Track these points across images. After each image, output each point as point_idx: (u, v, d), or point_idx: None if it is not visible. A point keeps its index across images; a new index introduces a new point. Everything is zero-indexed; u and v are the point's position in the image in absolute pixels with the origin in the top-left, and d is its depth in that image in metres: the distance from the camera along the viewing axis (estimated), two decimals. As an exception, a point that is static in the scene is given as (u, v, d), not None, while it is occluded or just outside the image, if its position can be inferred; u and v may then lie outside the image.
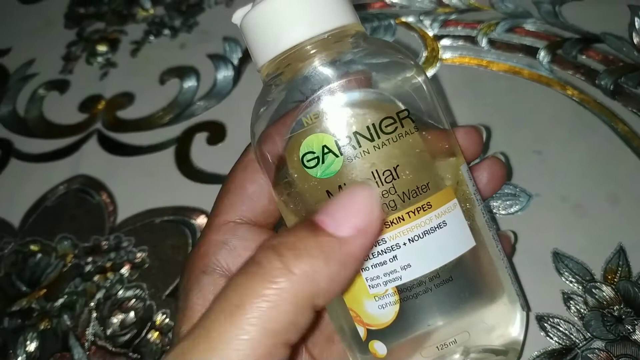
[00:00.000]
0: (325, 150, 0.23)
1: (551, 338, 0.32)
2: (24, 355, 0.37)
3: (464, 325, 0.25)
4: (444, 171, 0.25)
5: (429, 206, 0.24)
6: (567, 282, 0.33)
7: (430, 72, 0.44)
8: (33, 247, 0.42)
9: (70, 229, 0.42)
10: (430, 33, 0.46)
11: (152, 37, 0.53)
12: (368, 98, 0.24)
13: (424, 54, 0.45)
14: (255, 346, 0.19)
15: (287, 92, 0.25)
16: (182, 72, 0.49)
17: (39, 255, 0.42)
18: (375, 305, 0.24)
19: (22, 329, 0.38)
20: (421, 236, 0.24)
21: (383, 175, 0.23)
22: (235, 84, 0.48)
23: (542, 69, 0.42)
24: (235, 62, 0.49)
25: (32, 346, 0.38)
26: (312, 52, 0.24)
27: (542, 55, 0.43)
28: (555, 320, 0.32)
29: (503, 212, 0.37)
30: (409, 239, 0.24)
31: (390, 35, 0.47)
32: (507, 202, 0.37)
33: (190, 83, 0.49)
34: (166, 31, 0.53)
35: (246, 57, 0.49)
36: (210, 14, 0.53)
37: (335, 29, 0.24)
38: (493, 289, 0.26)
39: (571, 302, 0.33)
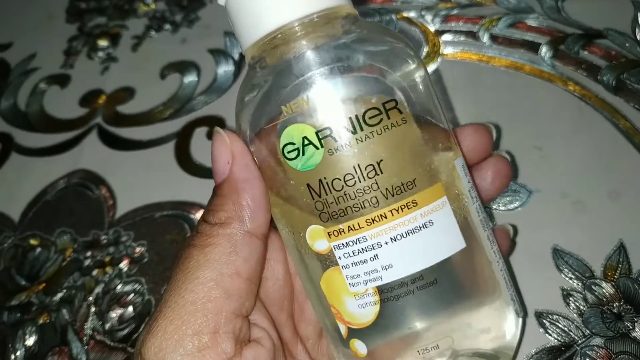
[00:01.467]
0: (306, 141, 0.22)
1: (550, 335, 0.32)
2: (23, 350, 0.37)
3: (448, 329, 0.24)
4: (435, 166, 0.24)
5: (414, 204, 0.23)
6: (567, 278, 0.33)
7: (431, 68, 0.44)
8: (32, 241, 0.42)
9: (70, 223, 0.42)
10: (432, 28, 0.46)
11: (153, 32, 0.53)
12: (353, 86, 0.23)
13: (425, 49, 0.45)
14: (211, 283, 0.23)
15: (272, 77, 0.24)
16: (182, 66, 0.49)
17: (39, 249, 0.42)
18: (355, 303, 0.23)
19: (21, 323, 0.38)
20: (404, 235, 0.22)
21: (365, 170, 0.22)
22: (236, 79, 0.48)
23: (544, 65, 0.42)
24: (236, 56, 0.49)
25: (30, 340, 0.38)
26: (299, 34, 0.23)
27: (544, 50, 0.43)
28: (554, 317, 0.32)
29: (503, 208, 0.36)
30: (390, 238, 0.22)
31: (391, 31, 0.47)
32: (507, 198, 0.37)
33: (190, 78, 0.48)
34: (167, 26, 0.53)
35: (247, 52, 0.49)
36: (211, 8, 0.53)
37: (324, 9, 0.23)
38: (484, 293, 0.25)
39: (570, 298, 0.33)
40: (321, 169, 0.22)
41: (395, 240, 0.22)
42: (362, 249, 0.23)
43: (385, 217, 0.22)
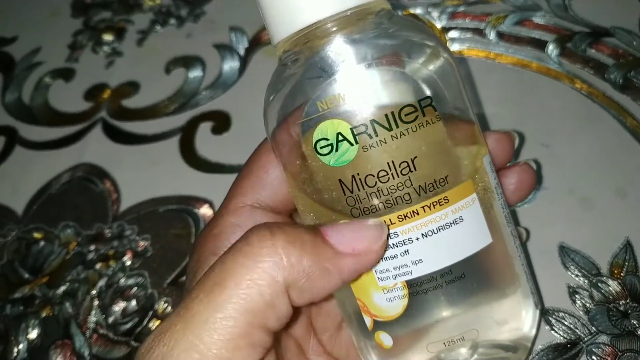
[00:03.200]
0: (340, 137, 0.22)
1: (556, 332, 0.31)
2: (26, 342, 0.37)
3: (473, 322, 0.24)
4: (464, 163, 0.24)
5: (446, 201, 0.23)
6: (573, 276, 0.33)
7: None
8: (36, 235, 0.42)
9: (74, 216, 0.42)
10: (438, 25, 0.46)
11: (158, 27, 0.53)
12: (389, 83, 0.23)
13: (432, 46, 0.45)
14: (231, 325, 0.19)
15: (303, 73, 0.24)
16: (187, 61, 0.49)
17: (42, 242, 0.42)
18: (383, 297, 0.24)
19: (24, 316, 0.38)
20: (435, 232, 0.23)
21: (399, 167, 0.22)
22: (241, 74, 0.48)
23: (551, 62, 0.42)
24: (242, 52, 0.49)
25: (33, 333, 0.38)
26: (332, 29, 0.23)
27: (551, 48, 0.43)
28: (561, 314, 0.32)
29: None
30: (422, 234, 0.23)
31: (397, 27, 0.47)
32: (513, 195, 0.37)
33: (195, 73, 0.48)
34: (172, 21, 0.53)
35: (252, 47, 0.49)
36: (216, 3, 0.53)
37: (358, 5, 0.23)
38: (506, 286, 0.25)
39: (577, 296, 0.32)
40: (355, 165, 0.22)
41: (426, 237, 0.23)
42: (393, 244, 0.23)
43: (417, 214, 0.23)
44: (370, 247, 0.22)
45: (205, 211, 0.40)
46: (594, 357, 0.30)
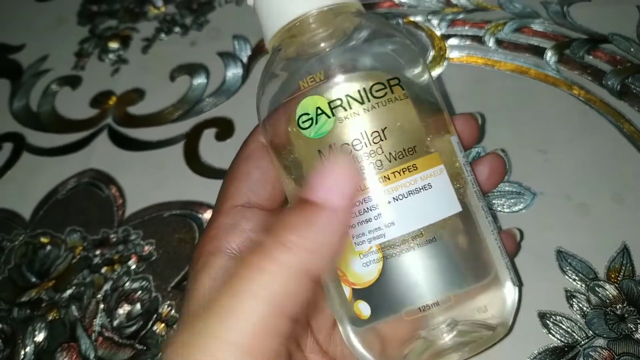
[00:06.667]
0: (319, 111, 0.25)
1: (553, 335, 0.32)
2: (33, 345, 0.38)
3: (447, 287, 0.25)
4: (433, 138, 0.26)
5: (415, 168, 0.25)
6: (570, 280, 0.34)
7: (437, 71, 0.44)
8: (43, 239, 0.43)
9: (80, 221, 0.43)
10: (438, 32, 0.47)
11: (163, 35, 0.53)
12: (362, 65, 0.26)
13: (432, 53, 0.45)
14: (254, 319, 0.19)
15: (291, 61, 0.27)
16: (192, 69, 0.50)
17: (49, 247, 0.42)
18: (360, 262, 0.25)
19: (31, 319, 0.39)
20: (405, 196, 0.25)
21: (371, 136, 0.25)
22: (244, 82, 0.48)
23: (549, 69, 0.43)
24: (245, 59, 0.49)
25: (40, 336, 0.38)
26: (313, 25, 0.26)
27: (549, 55, 0.43)
28: (558, 317, 0.32)
29: (507, 210, 0.37)
30: (393, 198, 0.24)
31: (398, 35, 0.47)
32: (512, 200, 0.37)
33: (200, 80, 0.49)
34: (177, 29, 0.53)
35: (255, 54, 0.50)
36: (220, 12, 0.54)
37: (335, 4, 0.26)
38: (481, 258, 0.26)
39: (574, 300, 0.33)
40: (332, 135, 0.25)
41: (397, 200, 0.25)
42: (367, 208, 0.25)
43: (389, 179, 0.25)
44: (355, 186, 0.20)
45: (209, 216, 0.41)
46: (590, 360, 0.31)
